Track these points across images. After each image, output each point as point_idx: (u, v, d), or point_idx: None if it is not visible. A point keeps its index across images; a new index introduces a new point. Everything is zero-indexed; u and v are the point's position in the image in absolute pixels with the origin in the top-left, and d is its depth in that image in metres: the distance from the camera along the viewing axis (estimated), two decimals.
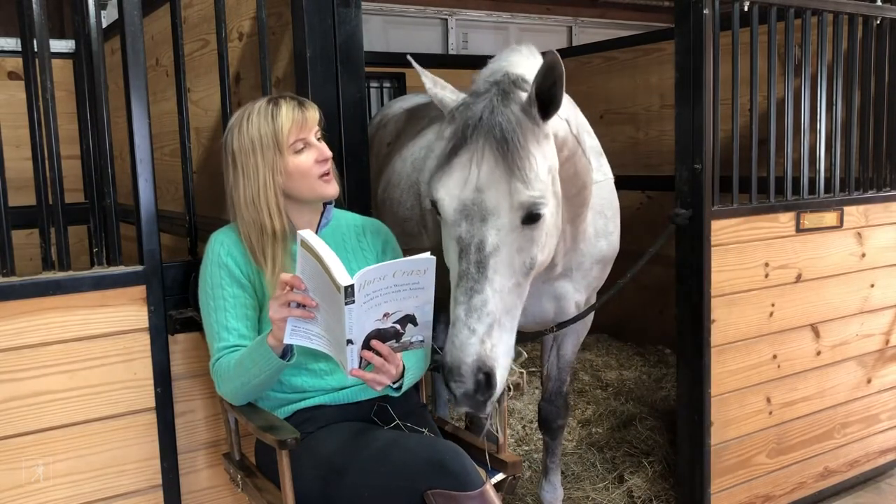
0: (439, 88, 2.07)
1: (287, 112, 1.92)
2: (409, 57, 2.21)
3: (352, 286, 1.58)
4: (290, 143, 1.92)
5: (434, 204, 1.93)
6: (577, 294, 2.63)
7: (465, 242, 1.84)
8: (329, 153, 1.97)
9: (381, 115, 3.82)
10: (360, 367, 1.70)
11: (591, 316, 2.83)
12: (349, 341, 1.65)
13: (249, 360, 1.83)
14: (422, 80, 2.08)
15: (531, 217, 1.85)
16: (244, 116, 1.94)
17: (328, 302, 1.66)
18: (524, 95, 1.92)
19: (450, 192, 1.86)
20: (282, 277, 1.72)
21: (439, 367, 1.85)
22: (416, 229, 2.91)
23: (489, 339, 1.79)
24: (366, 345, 1.69)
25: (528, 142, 1.86)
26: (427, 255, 1.68)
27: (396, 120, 3.55)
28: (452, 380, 1.78)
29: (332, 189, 1.99)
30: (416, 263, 1.67)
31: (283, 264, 1.92)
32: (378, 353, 1.72)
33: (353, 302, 1.59)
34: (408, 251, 2.79)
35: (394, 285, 1.66)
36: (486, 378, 1.76)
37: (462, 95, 2.02)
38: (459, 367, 1.76)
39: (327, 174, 1.97)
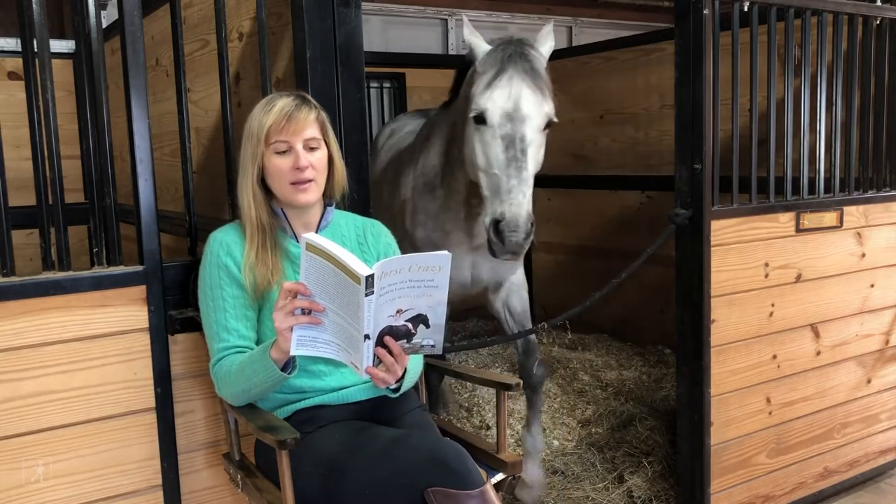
0: (474, 37, 2.70)
1: (276, 110, 1.91)
2: (464, 17, 2.88)
3: (372, 276, 1.57)
4: (269, 141, 1.91)
5: (480, 115, 2.52)
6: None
7: (511, 137, 2.47)
8: (305, 164, 1.91)
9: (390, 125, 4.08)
10: (373, 364, 1.69)
11: (522, 269, 3.17)
12: (366, 336, 1.63)
13: (251, 370, 1.82)
14: (464, 29, 2.76)
15: (548, 124, 2.55)
16: (257, 105, 1.98)
17: (340, 301, 1.65)
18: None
19: (496, 104, 2.51)
20: (284, 286, 1.70)
21: (493, 229, 2.43)
22: (388, 217, 3.10)
23: (529, 203, 2.44)
24: (378, 342, 1.68)
25: (546, 73, 2.59)
26: (445, 252, 1.67)
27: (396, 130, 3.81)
28: (509, 230, 2.37)
29: (305, 198, 1.95)
30: (432, 259, 1.66)
31: (274, 264, 1.92)
32: (390, 352, 1.71)
33: (373, 293, 1.58)
34: None
35: (408, 280, 1.65)
36: (530, 227, 2.39)
37: (486, 46, 2.67)
38: (517, 220, 2.38)
39: (302, 183, 1.93)
